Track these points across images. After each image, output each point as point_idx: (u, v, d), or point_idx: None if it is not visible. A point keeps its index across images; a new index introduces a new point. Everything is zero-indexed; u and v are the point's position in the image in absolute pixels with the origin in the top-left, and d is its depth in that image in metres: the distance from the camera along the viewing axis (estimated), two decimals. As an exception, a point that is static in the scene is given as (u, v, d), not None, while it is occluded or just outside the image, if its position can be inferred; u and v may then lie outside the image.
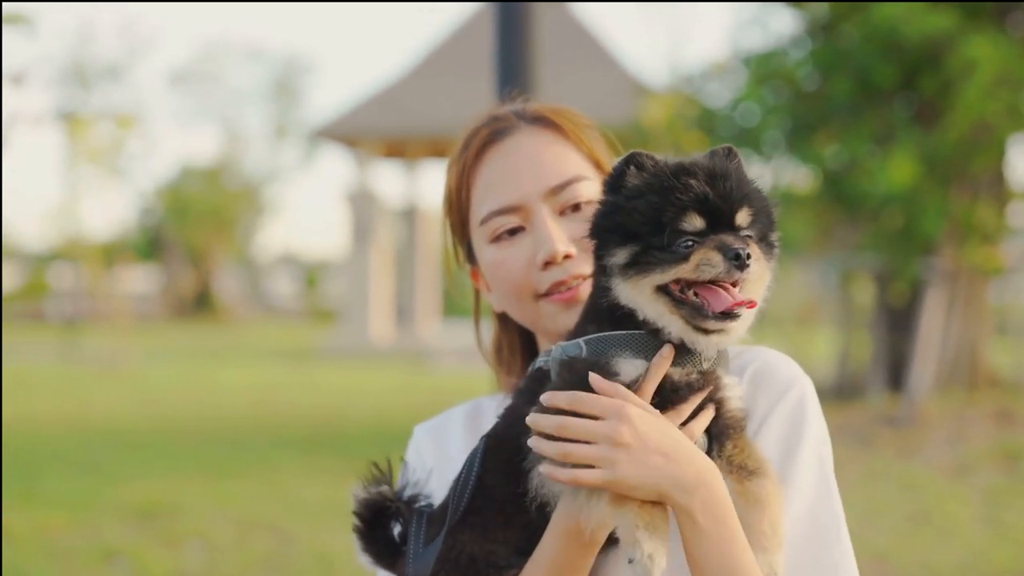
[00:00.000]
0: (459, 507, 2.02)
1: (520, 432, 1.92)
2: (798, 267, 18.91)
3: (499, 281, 2.26)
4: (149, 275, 52.67)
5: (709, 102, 16.51)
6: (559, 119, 2.28)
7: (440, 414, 2.55)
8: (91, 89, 43.98)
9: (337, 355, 27.36)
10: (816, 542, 2.05)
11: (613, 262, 1.91)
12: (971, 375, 14.90)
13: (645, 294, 1.89)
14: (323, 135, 29.52)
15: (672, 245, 1.86)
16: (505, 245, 2.23)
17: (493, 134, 2.28)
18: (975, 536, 8.94)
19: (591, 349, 1.94)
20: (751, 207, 1.91)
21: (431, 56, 29.20)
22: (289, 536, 9.07)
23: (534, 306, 2.22)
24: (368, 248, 28.44)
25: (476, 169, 2.27)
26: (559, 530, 1.93)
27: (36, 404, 17.59)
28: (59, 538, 9.06)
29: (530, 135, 2.26)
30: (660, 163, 1.93)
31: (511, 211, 2.22)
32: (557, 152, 2.25)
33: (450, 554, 1.99)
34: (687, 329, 1.88)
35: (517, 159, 2.24)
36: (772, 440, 2.10)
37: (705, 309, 1.86)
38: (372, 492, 2.17)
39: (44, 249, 46.89)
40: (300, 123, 49.59)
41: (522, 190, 2.21)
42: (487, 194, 2.25)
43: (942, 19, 13.37)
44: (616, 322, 1.95)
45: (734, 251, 1.82)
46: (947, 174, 14.16)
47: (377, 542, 2.17)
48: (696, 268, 1.84)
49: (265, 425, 15.34)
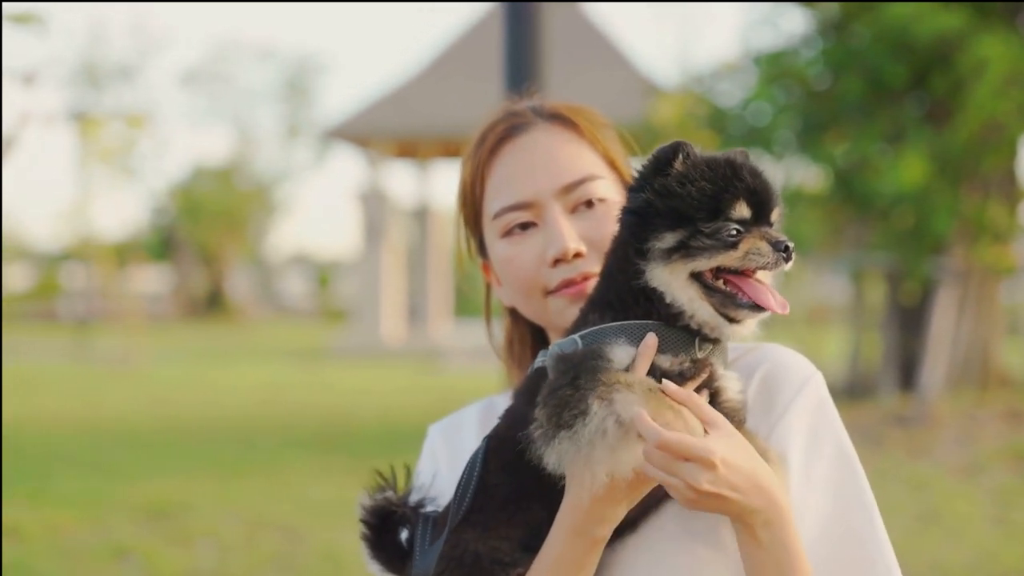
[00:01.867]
0: (461, 507, 2.03)
1: (521, 428, 1.92)
2: (810, 267, 18.91)
3: (509, 276, 2.27)
4: (161, 275, 52.79)
5: (720, 101, 16.49)
6: (576, 117, 2.30)
7: (454, 413, 2.57)
8: (103, 89, 44.13)
9: (349, 355, 27.39)
10: (850, 542, 2.06)
11: (659, 246, 1.92)
12: (982, 375, 14.87)
13: (680, 279, 1.91)
14: (335, 135, 29.55)
15: (719, 232, 1.88)
16: (516, 241, 2.24)
17: (509, 129, 2.29)
18: (985, 536, 8.93)
19: (587, 342, 1.94)
20: (779, 207, 1.96)
21: (443, 56, 29.20)
22: (299, 535, 9.09)
23: (543, 302, 2.23)
24: (380, 248, 28.47)
25: (491, 164, 2.28)
26: (565, 527, 1.93)
27: (48, 403, 17.65)
28: (70, 537, 9.10)
29: (546, 132, 2.28)
30: (706, 154, 1.96)
31: (524, 207, 2.23)
32: (572, 150, 2.26)
33: (454, 552, 2.00)
34: (715, 316, 1.91)
35: (532, 156, 2.25)
36: (794, 436, 2.10)
37: (740, 298, 1.89)
38: (378, 499, 2.18)
39: (56, 249, 47.04)
40: (312, 123, 49.58)
41: (535, 187, 2.22)
42: (501, 189, 2.26)
43: (953, 18, 13.35)
44: (625, 308, 1.97)
45: (784, 243, 1.87)
46: (958, 173, 14.13)
47: (386, 549, 2.17)
48: (744, 256, 1.87)
49: (276, 425, 15.37)
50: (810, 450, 2.10)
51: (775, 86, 15.36)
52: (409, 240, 31.94)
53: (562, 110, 2.31)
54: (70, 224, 35.24)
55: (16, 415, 15.78)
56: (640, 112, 17.73)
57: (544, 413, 1.87)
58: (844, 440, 2.13)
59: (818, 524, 2.05)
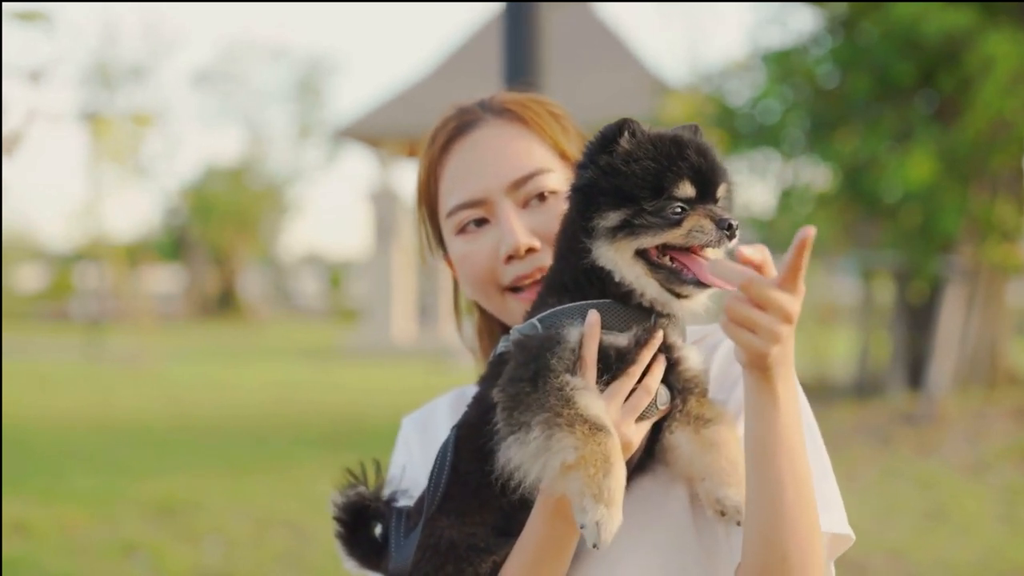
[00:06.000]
0: (435, 496, 2.05)
1: (489, 417, 1.94)
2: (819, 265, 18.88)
3: (466, 274, 2.30)
4: (173, 275, 52.89)
5: (729, 100, 16.49)
6: (522, 110, 2.31)
7: (426, 404, 2.61)
8: (115, 90, 44.21)
9: (360, 354, 27.41)
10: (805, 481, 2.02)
11: (603, 224, 1.94)
12: (990, 373, 14.85)
13: (626, 257, 1.93)
14: (346, 135, 29.60)
15: (663, 210, 1.90)
16: (471, 238, 2.27)
17: (459, 127, 2.32)
18: (992, 533, 8.93)
19: (545, 325, 1.97)
20: (728, 183, 1.97)
21: (453, 56, 29.23)
22: (306, 532, 9.12)
23: (500, 298, 2.27)
24: (391, 247, 28.49)
25: (443, 161, 2.32)
26: (546, 509, 1.96)
27: (60, 402, 17.71)
28: (79, 533, 9.15)
29: (495, 128, 2.30)
30: (652, 131, 1.98)
31: (475, 205, 2.26)
32: (521, 145, 2.28)
33: (429, 540, 2.02)
34: (662, 292, 1.94)
35: (482, 153, 2.28)
36: None
37: (684, 274, 1.91)
38: (350, 495, 2.20)
39: (69, 249, 47.13)
40: (323, 123, 49.62)
41: (485, 184, 2.25)
42: (453, 187, 2.29)
43: (961, 16, 13.34)
44: (581, 289, 1.99)
45: (727, 221, 1.89)
46: (966, 171, 14.12)
47: (360, 545, 2.19)
48: (688, 234, 1.89)
49: (286, 423, 15.41)
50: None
51: (784, 84, 15.37)
52: (420, 240, 31.92)
53: (510, 104, 2.34)
54: (83, 224, 35.42)
55: (29, 413, 15.86)
56: (649, 111, 17.73)
57: (500, 402, 1.90)
58: (802, 399, 2.08)
59: None
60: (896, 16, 13.72)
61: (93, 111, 38.67)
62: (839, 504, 2.08)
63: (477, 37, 29.09)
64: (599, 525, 1.75)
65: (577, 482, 1.79)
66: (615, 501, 1.79)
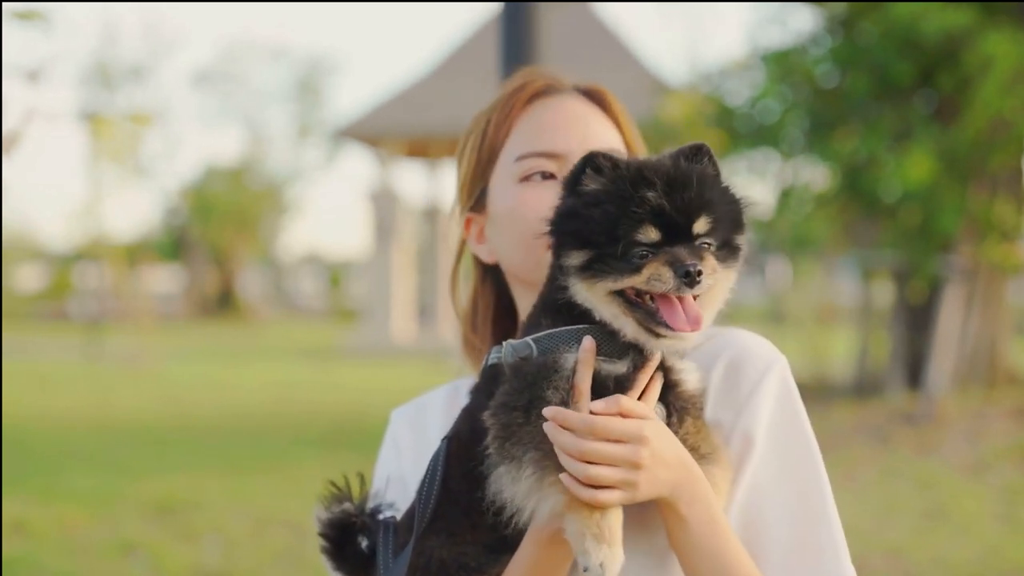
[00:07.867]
0: (425, 514, 2.02)
1: (481, 436, 1.93)
2: (817, 265, 18.89)
3: (517, 219, 2.25)
4: (173, 275, 52.89)
5: (728, 100, 16.50)
6: (606, 96, 2.36)
7: (417, 398, 2.59)
8: (115, 89, 44.18)
9: (359, 354, 27.40)
10: (806, 523, 2.07)
11: (569, 263, 1.92)
12: (989, 373, 14.84)
13: (599, 296, 1.89)
14: (346, 135, 29.56)
15: (627, 255, 1.85)
16: (535, 185, 2.24)
17: (548, 87, 2.34)
18: (991, 533, 8.94)
19: (541, 347, 1.94)
20: (710, 214, 1.89)
21: (453, 56, 29.20)
22: (306, 532, 9.11)
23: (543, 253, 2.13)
24: (390, 247, 28.47)
25: (525, 110, 2.31)
26: (540, 536, 1.94)
27: (59, 401, 17.71)
28: (78, 532, 9.15)
29: (581, 101, 2.33)
30: (619, 167, 1.92)
31: (552, 156, 2.25)
32: (604, 125, 2.31)
33: (419, 560, 1.99)
34: (640, 331, 1.89)
35: (568, 116, 2.29)
36: (759, 421, 2.11)
37: (658, 316, 1.86)
38: (335, 511, 2.17)
39: (69, 249, 47.11)
40: (323, 123, 49.58)
41: (568, 143, 2.24)
42: (531, 135, 2.28)
43: (960, 16, 13.34)
44: (572, 317, 1.95)
45: (684, 268, 1.81)
46: (965, 171, 14.11)
47: (348, 560, 2.15)
48: (647, 281, 1.84)
49: (286, 423, 15.41)
50: (774, 435, 2.12)
51: (783, 84, 15.37)
52: (420, 240, 31.93)
53: (594, 88, 2.38)
54: (82, 224, 35.36)
55: (28, 413, 15.86)
56: (649, 110, 17.73)
57: (492, 428, 1.89)
58: (806, 426, 2.15)
59: (779, 505, 2.08)
60: (895, 16, 13.73)
61: (93, 111, 38.62)
62: (834, 547, 2.09)
63: (476, 37, 29.06)
64: (604, 567, 1.76)
65: (575, 524, 1.80)
66: (616, 540, 1.80)
